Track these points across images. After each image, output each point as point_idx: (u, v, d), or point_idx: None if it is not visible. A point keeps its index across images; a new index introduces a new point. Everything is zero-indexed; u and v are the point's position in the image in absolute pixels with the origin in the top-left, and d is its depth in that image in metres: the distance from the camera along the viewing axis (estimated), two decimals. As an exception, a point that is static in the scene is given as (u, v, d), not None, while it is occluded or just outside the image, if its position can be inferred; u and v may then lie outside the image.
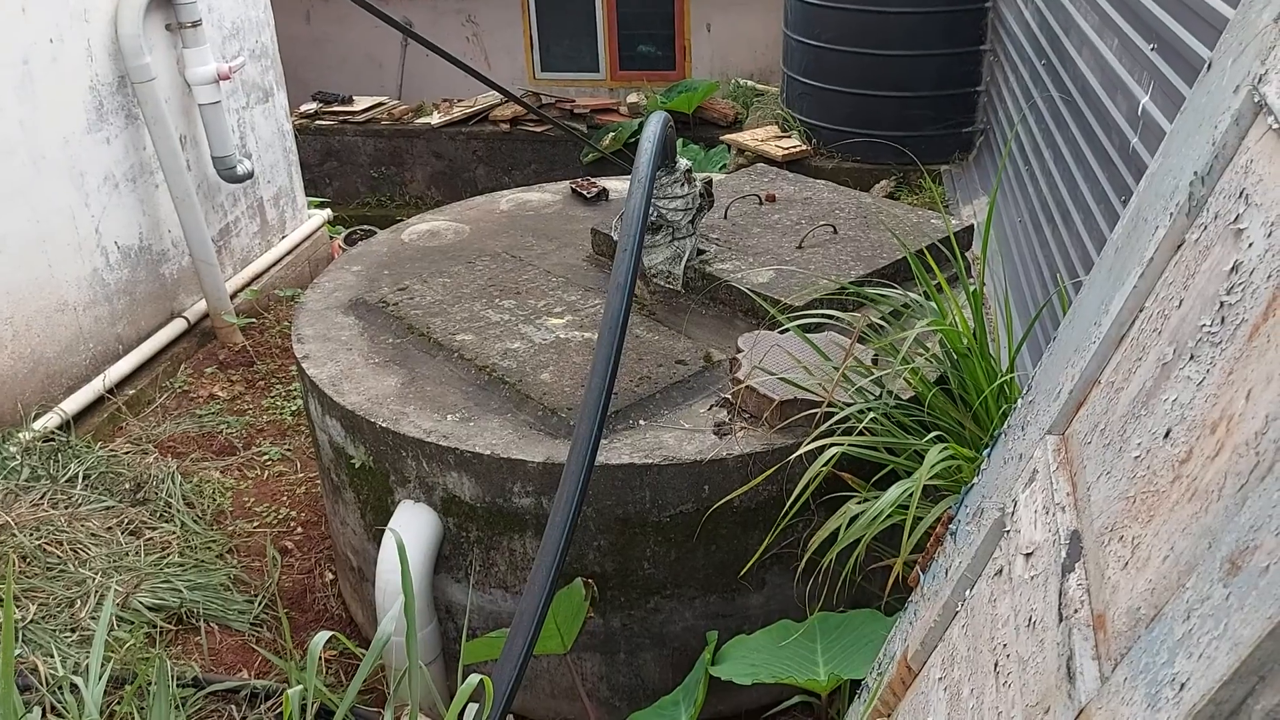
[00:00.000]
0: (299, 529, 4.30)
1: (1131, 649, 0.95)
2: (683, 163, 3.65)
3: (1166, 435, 1.04)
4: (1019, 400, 1.47)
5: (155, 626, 3.56)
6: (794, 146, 7.40)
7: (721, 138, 8.08)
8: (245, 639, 3.71)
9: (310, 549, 4.20)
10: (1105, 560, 1.08)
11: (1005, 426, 1.51)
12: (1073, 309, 1.36)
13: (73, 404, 4.61)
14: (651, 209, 3.55)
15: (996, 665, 1.25)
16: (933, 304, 2.97)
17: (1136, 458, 1.08)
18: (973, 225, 3.98)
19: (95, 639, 2.22)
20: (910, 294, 3.19)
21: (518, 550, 3.10)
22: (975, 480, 1.57)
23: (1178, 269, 1.14)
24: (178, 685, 3.21)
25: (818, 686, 2.20)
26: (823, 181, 4.50)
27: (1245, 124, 1.08)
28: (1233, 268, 1.01)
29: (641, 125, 4.69)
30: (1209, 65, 1.19)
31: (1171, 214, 1.17)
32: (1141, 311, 1.20)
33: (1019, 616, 1.22)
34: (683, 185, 3.61)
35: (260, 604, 3.85)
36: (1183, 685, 0.86)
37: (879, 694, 1.63)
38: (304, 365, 3.43)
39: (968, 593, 1.46)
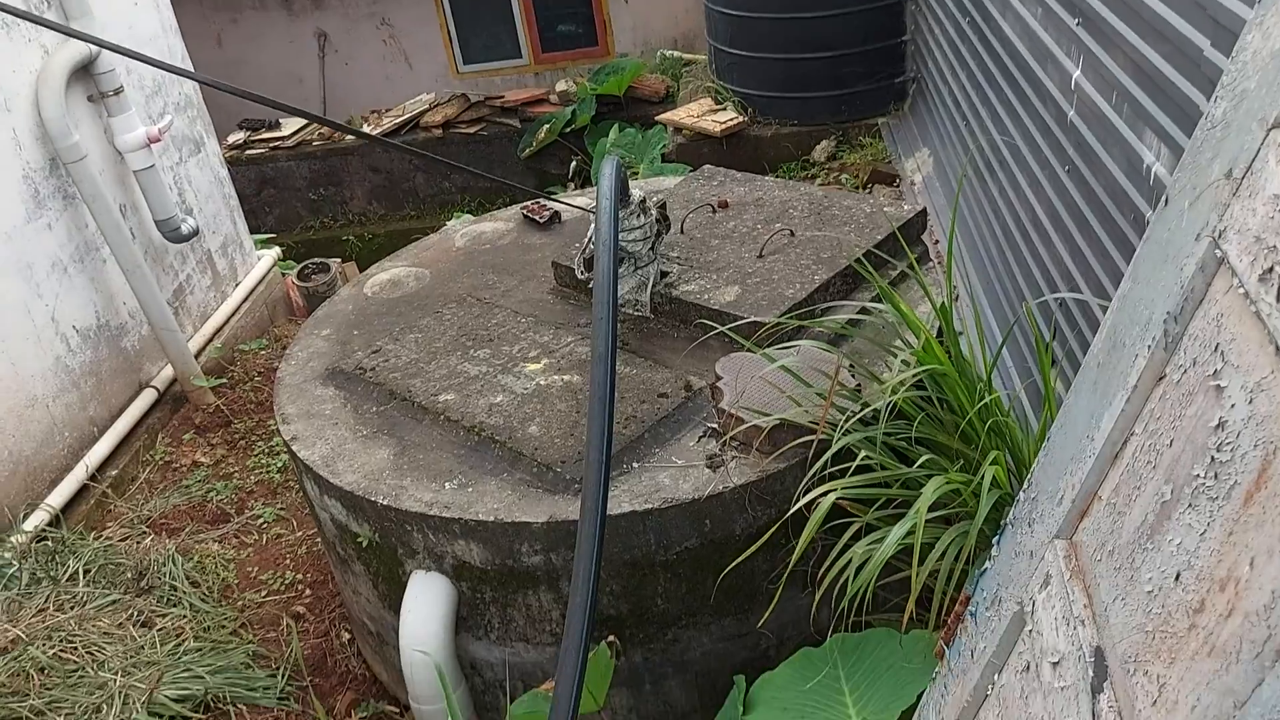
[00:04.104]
0: (307, 591, 4.35)
1: (1175, 795, 1.05)
2: (636, 193, 3.68)
3: (1177, 579, 1.12)
4: (1021, 494, 1.56)
5: (185, 719, 3.62)
6: (730, 119, 7.42)
7: (657, 117, 8.07)
8: (276, 715, 3.77)
9: (322, 611, 4.26)
10: (1134, 692, 1.17)
11: (1011, 518, 1.60)
12: (1062, 414, 1.45)
13: (58, 497, 4.60)
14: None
15: (1038, 767, 1.35)
16: (902, 307, 3.05)
17: (1150, 593, 1.17)
18: (925, 209, 4.06)
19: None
20: (875, 295, 3.26)
21: (534, 605, 3.18)
22: (988, 565, 1.67)
23: (1164, 404, 1.22)
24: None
25: (850, 725, 2.32)
26: (770, 178, 4.55)
27: (1210, 273, 1.16)
28: (1219, 424, 1.09)
29: (597, 160, 4.70)
30: (1166, 200, 1.26)
31: (1150, 346, 1.24)
32: (1133, 436, 1.28)
33: (1055, 727, 1.32)
34: (639, 216, 3.65)
35: (284, 676, 3.90)
36: None
37: (919, 762, 1.74)
38: (294, 448, 3.45)
39: (996, 677, 1.55)
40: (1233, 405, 1.07)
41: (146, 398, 5.29)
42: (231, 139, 8.91)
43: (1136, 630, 1.19)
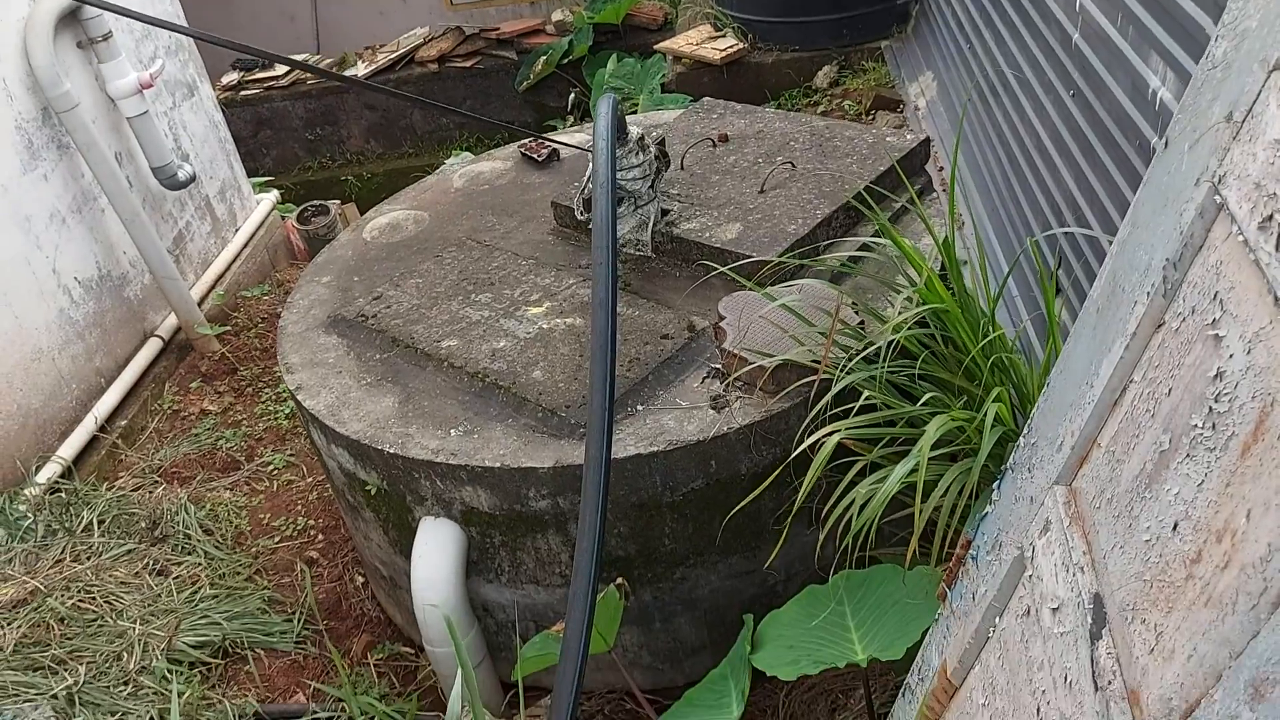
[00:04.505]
0: (320, 536, 4.39)
1: (1171, 743, 1.06)
2: (634, 130, 3.63)
3: (1175, 529, 1.12)
4: (1021, 439, 1.56)
5: (204, 665, 3.68)
6: (730, 46, 7.29)
7: (655, 45, 7.93)
8: (293, 659, 3.84)
9: (335, 555, 4.31)
10: (1131, 639, 1.18)
11: (1011, 463, 1.60)
12: (1061, 360, 1.43)
13: (69, 449, 4.64)
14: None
15: (1039, 711, 1.37)
16: (907, 239, 3.02)
17: (1147, 542, 1.17)
18: (928, 138, 4.00)
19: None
20: (880, 226, 3.22)
21: (543, 548, 3.21)
22: (989, 510, 1.67)
23: (1163, 352, 1.20)
24: (241, 723, 3.36)
25: (857, 663, 2.35)
26: (771, 110, 4.49)
27: (1209, 219, 1.13)
28: (1217, 374, 1.08)
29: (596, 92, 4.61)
30: (1166, 143, 1.23)
31: (1149, 293, 1.23)
32: (1131, 383, 1.27)
33: (1055, 670, 1.33)
34: (637, 154, 3.60)
35: (300, 621, 3.96)
36: (1224, 795, 0.96)
37: (925, 700, 1.77)
38: (299, 397, 3.46)
39: (997, 620, 1.57)
40: (1231, 355, 1.06)
41: (152, 347, 5.30)
42: (225, 80, 8.80)
43: (1135, 578, 1.19)
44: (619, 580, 2.87)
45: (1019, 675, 1.45)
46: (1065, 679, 1.30)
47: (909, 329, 2.68)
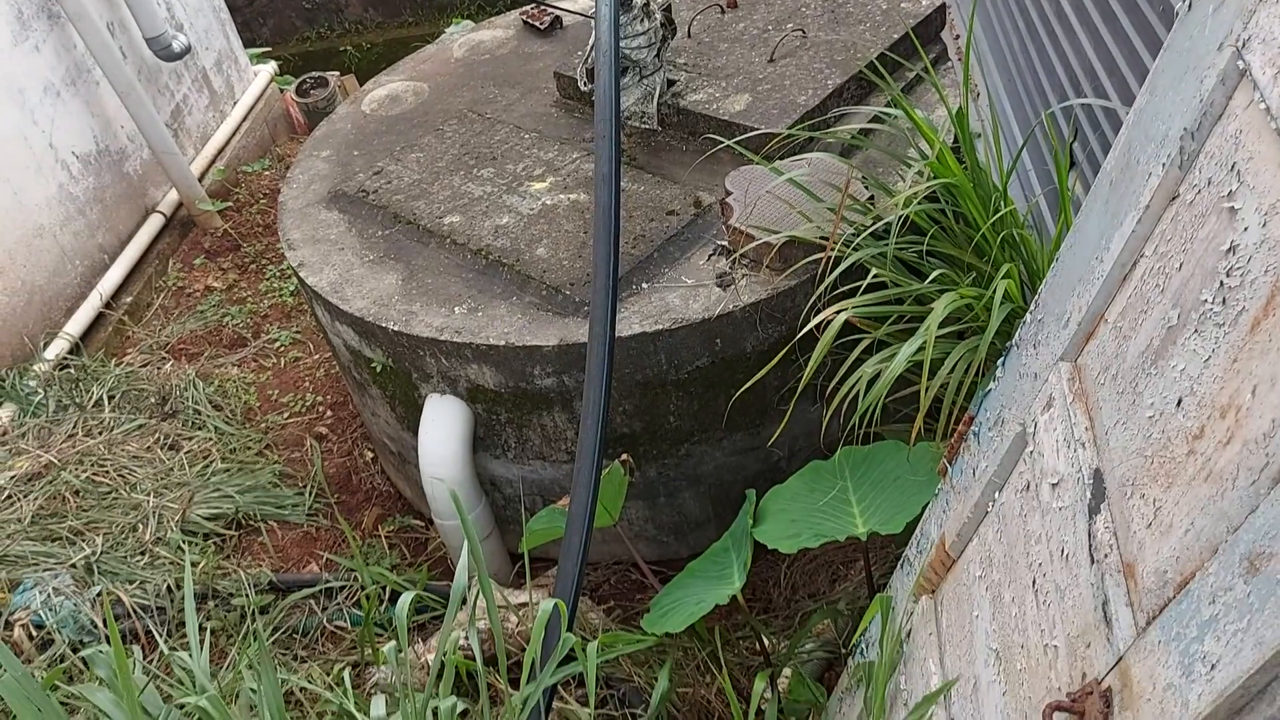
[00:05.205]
0: (328, 412, 4.43)
1: (1163, 613, 1.07)
2: (638, -4, 3.50)
3: (1178, 405, 1.11)
4: (1027, 316, 1.53)
5: (218, 536, 3.76)
6: (740, -91, 6.99)
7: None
8: (305, 530, 3.92)
9: (344, 430, 4.35)
10: (1129, 513, 1.18)
11: (1017, 339, 1.57)
12: (1072, 235, 1.40)
13: (76, 325, 4.65)
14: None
15: (1034, 583, 1.38)
16: (920, 110, 2.94)
17: (1150, 418, 1.16)
18: (944, 3, 3.86)
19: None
20: (892, 97, 3.14)
21: (548, 425, 3.23)
22: (992, 386, 1.66)
23: (1175, 225, 1.17)
24: (256, 592, 3.45)
25: (857, 535, 2.38)
26: (782, -25, 4.32)
27: (1231, 85, 1.09)
28: (1230, 248, 1.05)
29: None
30: (1189, 4, 1.17)
31: (1164, 164, 1.18)
32: (1142, 258, 1.24)
33: (1052, 544, 1.34)
34: (642, 21, 3.48)
35: (311, 494, 4.02)
36: (1214, 665, 0.97)
37: (922, 571, 1.79)
38: (301, 274, 3.44)
39: (996, 495, 1.57)
40: (1245, 228, 1.03)
41: (154, 223, 5.25)
42: (218, -54, 8.50)
43: (1136, 454, 1.18)
44: (624, 456, 2.89)
45: (1016, 548, 1.46)
46: (1062, 552, 1.30)
47: (919, 204, 2.63)
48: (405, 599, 2.23)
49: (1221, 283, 1.06)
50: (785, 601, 3.38)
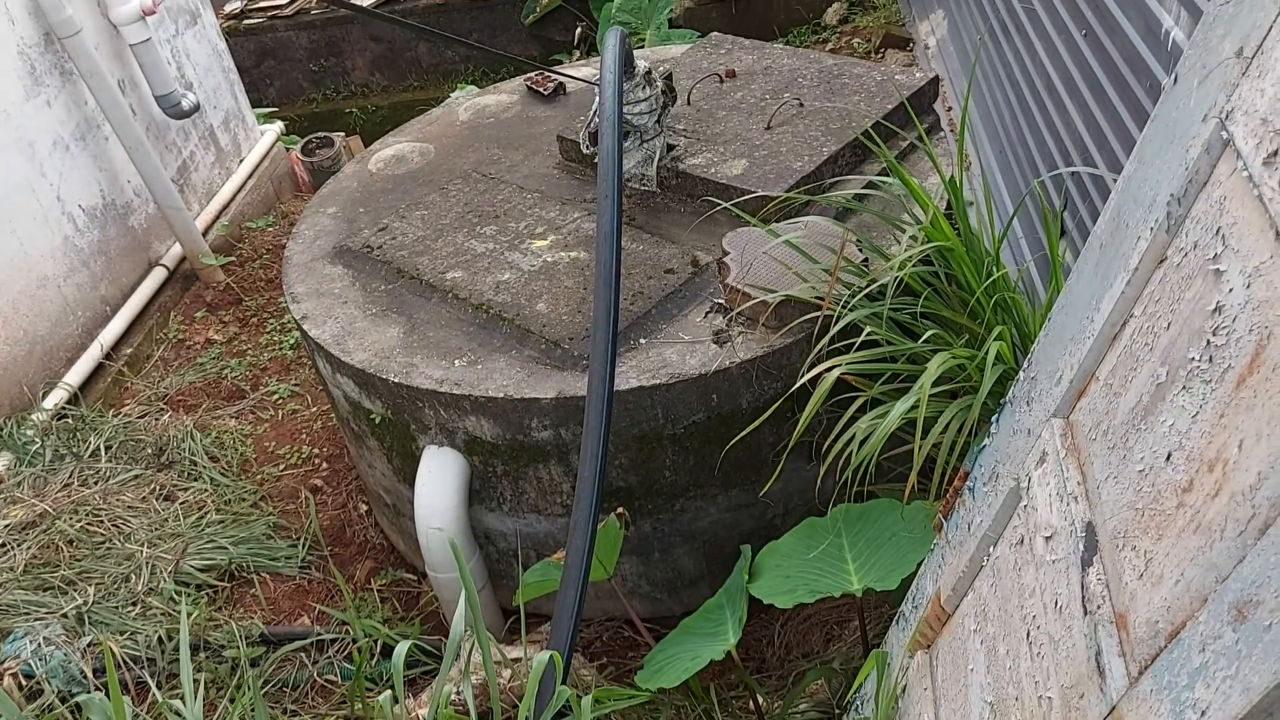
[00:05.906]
0: (324, 464, 4.44)
1: (1155, 662, 1.10)
2: (641, 64, 3.61)
3: (1168, 459, 1.15)
4: (1021, 373, 1.58)
5: (211, 587, 3.75)
6: (739, -19, 7.19)
7: (664, -21, 7.81)
8: (298, 583, 3.91)
9: (339, 483, 4.36)
10: (1121, 565, 1.21)
11: (1011, 396, 1.62)
12: (1064, 295, 1.45)
13: (75, 376, 4.68)
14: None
15: (1029, 635, 1.41)
16: (914, 177, 3.02)
17: (1141, 472, 1.20)
18: (937, 76, 3.97)
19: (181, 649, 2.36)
20: (886, 165, 3.22)
21: (544, 478, 3.25)
22: (987, 442, 1.70)
23: (1163, 287, 1.22)
24: (247, 645, 3.43)
25: (853, 592, 2.40)
26: (779, 45, 4.44)
27: (1215, 154, 1.14)
28: (1216, 308, 1.10)
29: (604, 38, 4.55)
30: (1175, 79, 1.24)
31: (1152, 229, 1.24)
32: (1131, 318, 1.29)
33: (1046, 596, 1.37)
34: (644, 88, 3.58)
35: (304, 546, 4.02)
36: (1204, 712, 1.00)
37: (918, 626, 1.81)
38: (305, 326, 3.48)
39: (991, 550, 1.60)
40: (1230, 289, 1.07)
41: (157, 276, 5.31)
42: (228, 8, 8.69)
43: (1127, 507, 1.22)
44: (619, 510, 2.91)
45: (1010, 602, 1.49)
46: (1056, 604, 1.33)
47: (913, 266, 2.69)
48: (402, 647, 2.24)
49: (1208, 341, 1.10)
50: (779, 660, 3.38)
